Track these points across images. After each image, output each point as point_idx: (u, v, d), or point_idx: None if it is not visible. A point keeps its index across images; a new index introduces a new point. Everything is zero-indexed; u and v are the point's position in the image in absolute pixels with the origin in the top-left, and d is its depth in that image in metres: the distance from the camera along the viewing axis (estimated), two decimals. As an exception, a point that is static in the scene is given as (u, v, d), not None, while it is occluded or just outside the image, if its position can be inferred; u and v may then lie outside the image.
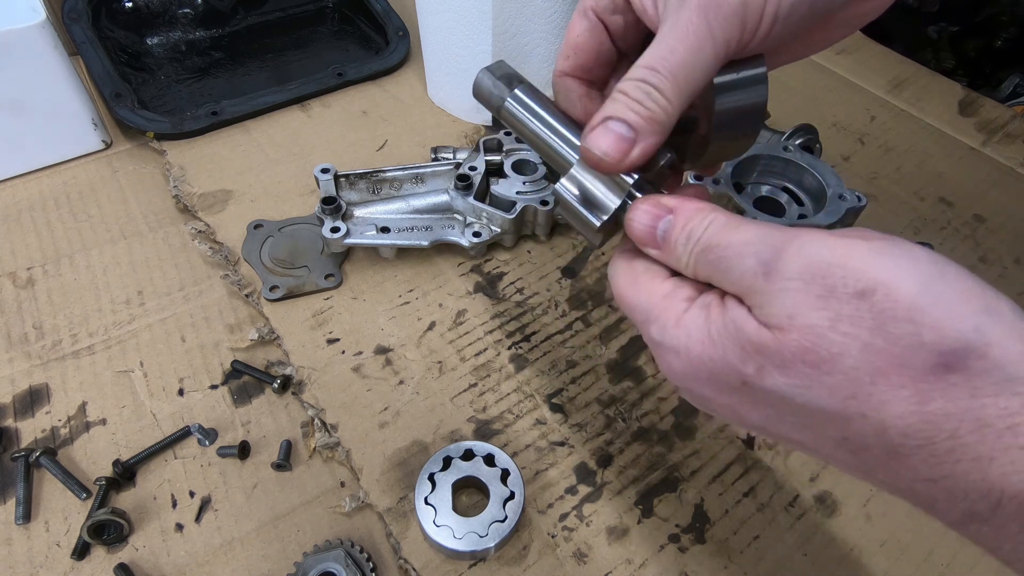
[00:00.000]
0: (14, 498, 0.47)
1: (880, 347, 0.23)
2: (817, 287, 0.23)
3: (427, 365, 0.55)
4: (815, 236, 0.24)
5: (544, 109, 0.36)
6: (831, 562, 0.46)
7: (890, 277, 0.22)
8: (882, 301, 0.22)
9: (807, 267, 0.24)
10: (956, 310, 0.22)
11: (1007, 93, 1.02)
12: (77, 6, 0.76)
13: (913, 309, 0.22)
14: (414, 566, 0.44)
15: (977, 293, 0.22)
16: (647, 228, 0.30)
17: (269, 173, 0.71)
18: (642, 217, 0.30)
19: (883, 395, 0.23)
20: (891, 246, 0.23)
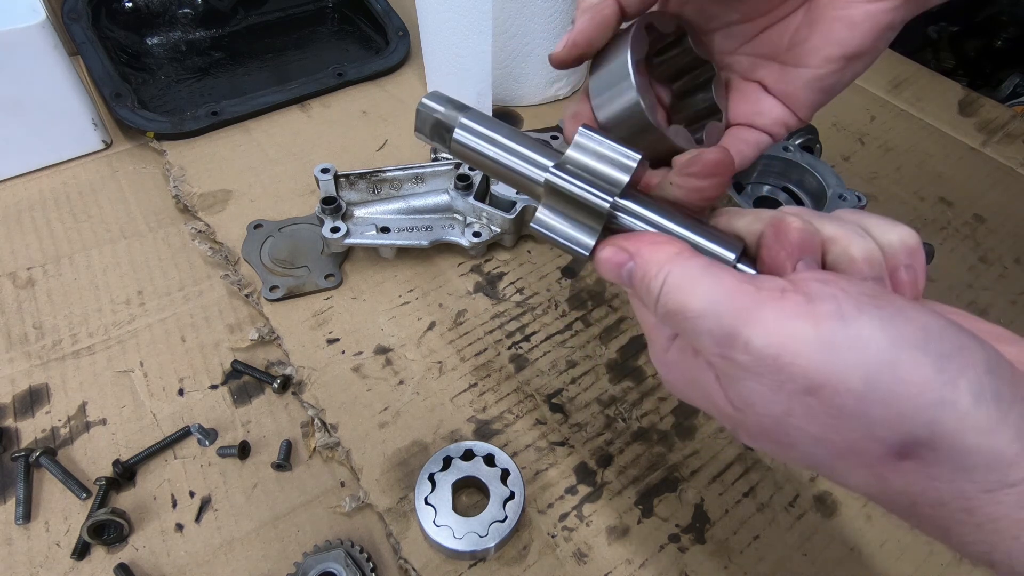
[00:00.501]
0: (14, 498, 0.47)
1: (834, 439, 0.23)
2: (768, 380, 0.23)
3: (427, 365, 0.55)
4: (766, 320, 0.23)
5: (499, 131, 0.33)
6: (831, 562, 0.46)
7: (834, 376, 0.21)
8: (830, 398, 0.22)
9: (758, 360, 0.23)
10: (905, 407, 0.21)
11: (1007, 93, 1.02)
12: (77, 6, 0.76)
13: (860, 407, 0.21)
14: (414, 566, 0.44)
15: (931, 383, 0.21)
16: (615, 272, 0.29)
17: (269, 173, 0.71)
18: (606, 262, 0.29)
19: (844, 472, 0.24)
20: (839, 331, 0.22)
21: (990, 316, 0.63)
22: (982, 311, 0.63)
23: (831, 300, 0.22)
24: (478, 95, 0.75)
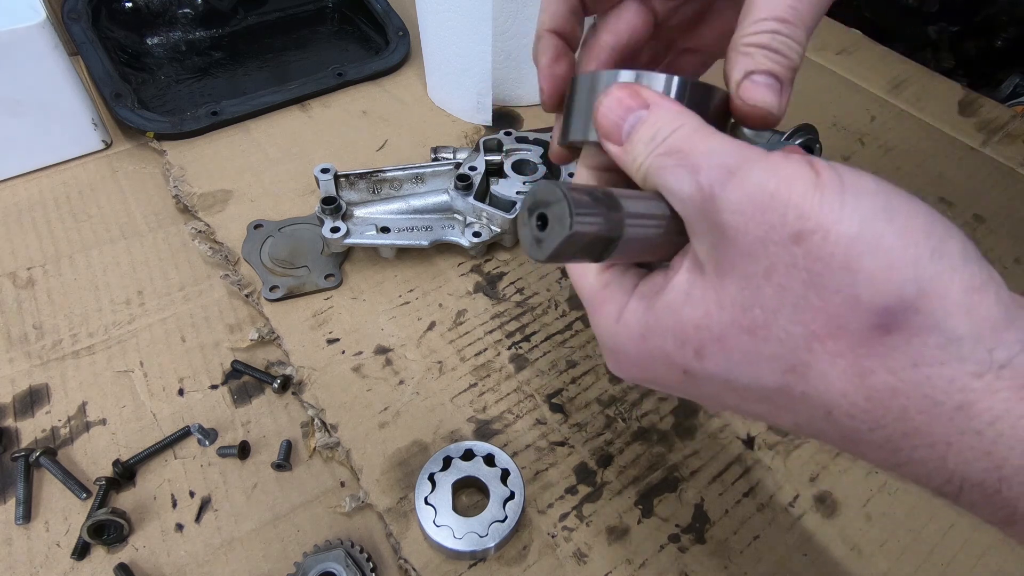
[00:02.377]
0: (14, 498, 0.47)
1: (814, 304, 0.21)
2: (756, 225, 0.21)
3: (427, 365, 0.55)
4: (762, 163, 0.22)
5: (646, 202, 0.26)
6: (831, 562, 0.46)
7: (828, 217, 0.20)
8: (818, 246, 0.20)
9: (750, 198, 0.21)
10: (897, 256, 0.19)
11: (1007, 93, 1.02)
12: (77, 6, 0.76)
13: (851, 255, 0.20)
14: (414, 566, 0.44)
15: (923, 233, 0.20)
16: (615, 121, 0.26)
17: (269, 173, 0.71)
18: (613, 107, 0.26)
19: (822, 366, 0.21)
20: (837, 178, 0.21)
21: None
22: (982, 311, 0.63)
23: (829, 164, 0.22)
24: (478, 95, 0.75)
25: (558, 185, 0.23)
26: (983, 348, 0.19)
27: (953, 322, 0.19)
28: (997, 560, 0.47)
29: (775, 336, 0.22)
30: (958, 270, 0.20)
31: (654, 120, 0.25)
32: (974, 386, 0.19)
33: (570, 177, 0.65)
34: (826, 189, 0.20)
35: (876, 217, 0.20)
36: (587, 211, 0.23)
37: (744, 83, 0.27)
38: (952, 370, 0.19)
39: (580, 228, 0.22)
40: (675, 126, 0.25)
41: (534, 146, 0.67)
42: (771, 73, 0.27)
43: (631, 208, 0.25)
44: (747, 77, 0.27)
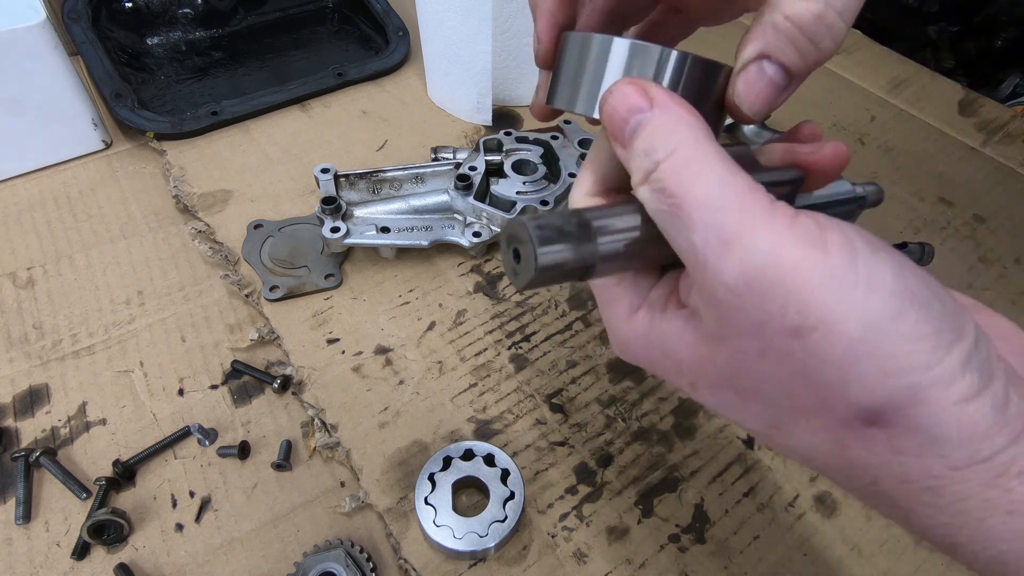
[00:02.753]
0: (14, 498, 0.47)
1: (804, 389, 0.21)
2: (754, 309, 0.20)
3: (427, 365, 0.55)
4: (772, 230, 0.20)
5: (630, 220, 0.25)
6: (831, 562, 0.46)
7: (835, 316, 0.19)
8: (818, 344, 0.19)
9: (748, 282, 0.20)
10: (897, 362, 0.19)
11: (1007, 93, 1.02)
12: (77, 6, 0.76)
13: (847, 356, 0.19)
14: (414, 566, 0.44)
15: (931, 338, 0.19)
16: (620, 122, 0.24)
17: (269, 173, 0.71)
18: (618, 105, 0.24)
19: (803, 432, 0.22)
20: (851, 266, 0.19)
21: (990, 316, 0.63)
22: (982, 311, 0.63)
23: (842, 233, 0.20)
24: (478, 95, 0.75)
25: (526, 222, 0.23)
26: (967, 450, 0.19)
27: (941, 429, 0.19)
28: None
29: (761, 401, 0.22)
30: (956, 380, 0.19)
31: (652, 129, 0.23)
32: (949, 475, 0.20)
33: (571, 178, 0.65)
34: (835, 281, 0.19)
35: (883, 318, 0.19)
36: (553, 249, 0.23)
37: (750, 68, 0.24)
38: (930, 463, 0.20)
39: (546, 263, 0.23)
40: (670, 143, 0.22)
41: (534, 146, 0.67)
42: (786, 67, 0.24)
43: (613, 228, 0.24)
44: (757, 61, 0.24)
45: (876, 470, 0.21)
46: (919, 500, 0.20)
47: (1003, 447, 0.19)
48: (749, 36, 0.24)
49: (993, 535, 0.19)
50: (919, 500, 0.20)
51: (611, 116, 0.24)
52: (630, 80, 0.24)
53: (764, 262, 0.19)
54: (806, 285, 0.19)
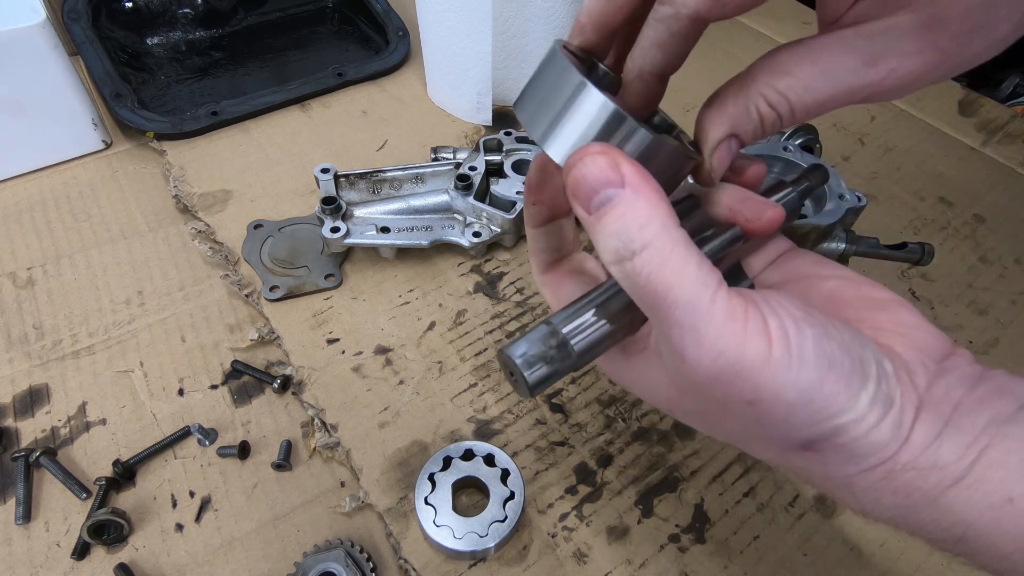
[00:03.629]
0: (14, 498, 0.47)
1: (754, 432, 0.27)
2: (718, 389, 0.25)
3: (427, 365, 0.55)
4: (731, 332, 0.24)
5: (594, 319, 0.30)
6: (831, 562, 0.46)
7: (777, 391, 0.24)
8: (766, 409, 0.25)
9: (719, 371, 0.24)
10: (820, 414, 0.25)
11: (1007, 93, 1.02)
12: (77, 6, 0.76)
13: (787, 414, 0.25)
14: (414, 566, 0.44)
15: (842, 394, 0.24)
16: (588, 188, 0.25)
17: (269, 173, 0.71)
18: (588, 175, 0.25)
19: (756, 450, 0.29)
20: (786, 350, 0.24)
21: (990, 316, 0.63)
22: (982, 311, 0.63)
23: (778, 322, 0.25)
24: (478, 95, 0.75)
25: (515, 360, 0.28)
26: (873, 460, 0.25)
27: (856, 448, 0.25)
28: (997, 560, 0.47)
29: (723, 429, 0.29)
30: (865, 416, 0.25)
31: (623, 210, 0.24)
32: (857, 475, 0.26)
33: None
34: (777, 366, 0.24)
35: (811, 384, 0.24)
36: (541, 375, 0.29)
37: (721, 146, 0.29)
38: (849, 469, 0.26)
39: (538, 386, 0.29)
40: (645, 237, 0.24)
41: (534, 146, 0.67)
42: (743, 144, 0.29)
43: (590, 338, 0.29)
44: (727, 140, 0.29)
45: (809, 473, 0.28)
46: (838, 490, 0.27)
47: (893, 453, 0.25)
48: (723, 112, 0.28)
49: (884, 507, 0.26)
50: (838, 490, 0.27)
51: (578, 183, 0.25)
52: (601, 149, 0.25)
53: (729, 359, 0.24)
54: (758, 375, 0.24)
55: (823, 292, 0.31)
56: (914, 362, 0.27)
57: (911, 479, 0.25)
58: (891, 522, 0.27)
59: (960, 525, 0.25)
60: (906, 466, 0.25)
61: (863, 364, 0.25)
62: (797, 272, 0.33)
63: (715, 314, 0.24)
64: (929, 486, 0.25)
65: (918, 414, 0.26)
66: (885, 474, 0.25)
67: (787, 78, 0.27)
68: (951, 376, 0.27)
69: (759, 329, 0.24)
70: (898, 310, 0.29)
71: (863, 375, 0.25)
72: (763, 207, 0.31)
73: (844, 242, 0.55)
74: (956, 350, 0.28)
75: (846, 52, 0.26)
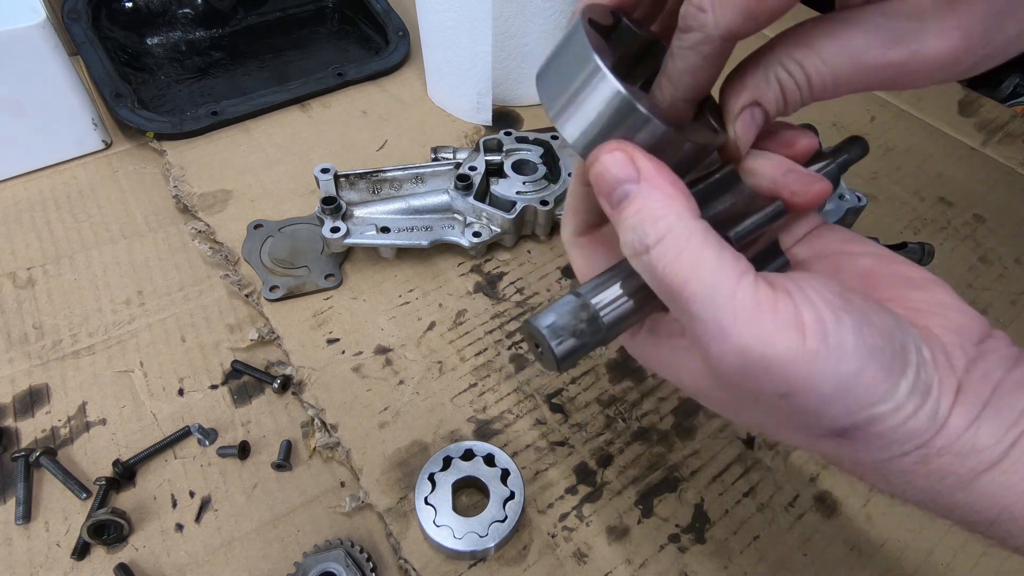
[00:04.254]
0: (14, 498, 0.47)
1: (785, 420, 0.26)
2: (748, 383, 0.24)
3: (427, 365, 0.55)
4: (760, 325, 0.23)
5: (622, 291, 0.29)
6: (831, 562, 0.46)
7: (812, 383, 0.23)
8: (800, 401, 0.24)
9: (746, 366, 0.24)
10: (859, 402, 0.24)
11: (1007, 93, 1.02)
12: (77, 6, 0.76)
13: (822, 405, 0.24)
14: (414, 566, 0.44)
15: (881, 384, 0.24)
16: (607, 184, 0.26)
17: (269, 173, 0.71)
18: (608, 168, 0.26)
19: (785, 437, 0.28)
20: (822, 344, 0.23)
21: (990, 316, 0.63)
22: (982, 311, 0.63)
23: (813, 312, 0.23)
24: (478, 95, 0.75)
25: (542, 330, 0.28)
26: (907, 447, 0.25)
27: (892, 436, 0.24)
28: (996, 561, 0.47)
29: (752, 418, 0.28)
30: (903, 406, 0.24)
31: (640, 205, 0.25)
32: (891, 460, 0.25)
33: (571, 177, 0.65)
34: (812, 359, 0.23)
35: (849, 376, 0.23)
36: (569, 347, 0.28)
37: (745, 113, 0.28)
38: (882, 455, 0.25)
39: (566, 359, 0.28)
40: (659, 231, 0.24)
41: (534, 146, 0.67)
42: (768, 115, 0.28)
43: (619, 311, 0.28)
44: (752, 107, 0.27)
45: (839, 457, 0.27)
46: (869, 474, 0.27)
47: (929, 439, 0.24)
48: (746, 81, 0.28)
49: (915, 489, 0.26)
50: (869, 474, 0.27)
51: (599, 179, 0.26)
52: (618, 146, 0.26)
53: (757, 354, 0.23)
54: (790, 369, 0.23)
55: (856, 270, 0.29)
56: (952, 344, 0.26)
57: (946, 463, 0.24)
58: (920, 504, 0.26)
59: (994, 508, 0.24)
60: (941, 451, 0.24)
61: (904, 351, 0.24)
62: (828, 248, 0.31)
63: (738, 307, 0.23)
64: (965, 470, 0.24)
65: (956, 398, 0.25)
66: (920, 459, 0.25)
67: (806, 49, 0.26)
68: (990, 358, 0.26)
69: (790, 321, 0.23)
70: (935, 289, 0.28)
71: (903, 363, 0.24)
72: (810, 180, 0.29)
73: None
74: (993, 331, 0.27)
75: (867, 29, 0.25)
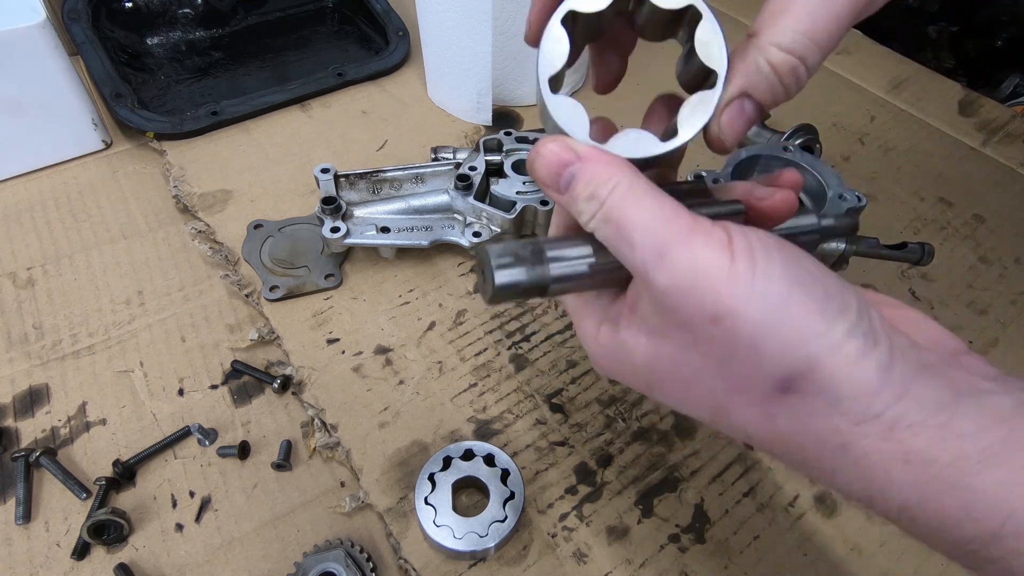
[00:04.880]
0: (14, 498, 0.47)
1: (730, 370, 0.25)
2: (683, 306, 0.25)
3: (427, 365, 0.55)
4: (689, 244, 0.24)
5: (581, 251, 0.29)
6: (831, 562, 0.46)
7: (739, 302, 0.23)
8: (730, 328, 0.24)
9: (676, 284, 0.24)
10: (792, 336, 0.23)
11: (1007, 93, 1.01)
12: (77, 6, 0.76)
13: (755, 337, 0.24)
14: (414, 566, 0.44)
15: (818, 311, 0.24)
16: (552, 172, 0.28)
17: (269, 173, 0.71)
18: (549, 158, 0.28)
19: (740, 411, 0.26)
20: (749, 264, 0.24)
21: (990, 316, 0.63)
22: (982, 311, 0.63)
23: (745, 240, 0.24)
24: (478, 95, 0.75)
25: (488, 249, 0.28)
26: (861, 405, 0.23)
27: (837, 388, 0.23)
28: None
29: (703, 387, 0.27)
30: (843, 346, 0.23)
31: (588, 177, 0.27)
32: (853, 431, 0.24)
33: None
34: (738, 277, 0.24)
35: (779, 302, 0.23)
36: (509, 271, 0.28)
37: (734, 105, 0.28)
38: (836, 421, 0.24)
39: (502, 283, 0.28)
40: (610, 185, 0.27)
41: (534, 146, 0.67)
42: (762, 105, 0.28)
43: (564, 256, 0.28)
44: (740, 99, 0.28)
45: (800, 436, 0.25)
46: (836, 459, 0.24)
47: (890, 404, 0.23)
48: (733, 70, 0.28)
49: (896, 485, 0.23)
50: (836, 459, 0.24)
51: (544, 169, 0.28)
52: (552, 139, 0.29)
53: (686, 268, 0.24)
54: (717, 284, 0.24)
55: None
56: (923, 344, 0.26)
57: (923, 446, 0.22)
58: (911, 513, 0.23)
59: (997, 515, 0.21)
60: (912, 426, 0.23)
61: (842, 297, 0.24)
62: None
63: (675, 230, 0.25)
64: (948, 458, 0.22)
65: (920, 374, 0.23)
66: (885, 431, 0.23)
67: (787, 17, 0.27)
68: (966, 365, 0.25)
69: (721, 243, 0.24)
70: (906, 309, 0.29)
71: (841, 306, 0.24)
72: (776, 190, 0.30)
73: (844, 242, 0.55)
74: (970, 352, 0.27)
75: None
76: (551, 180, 0.28)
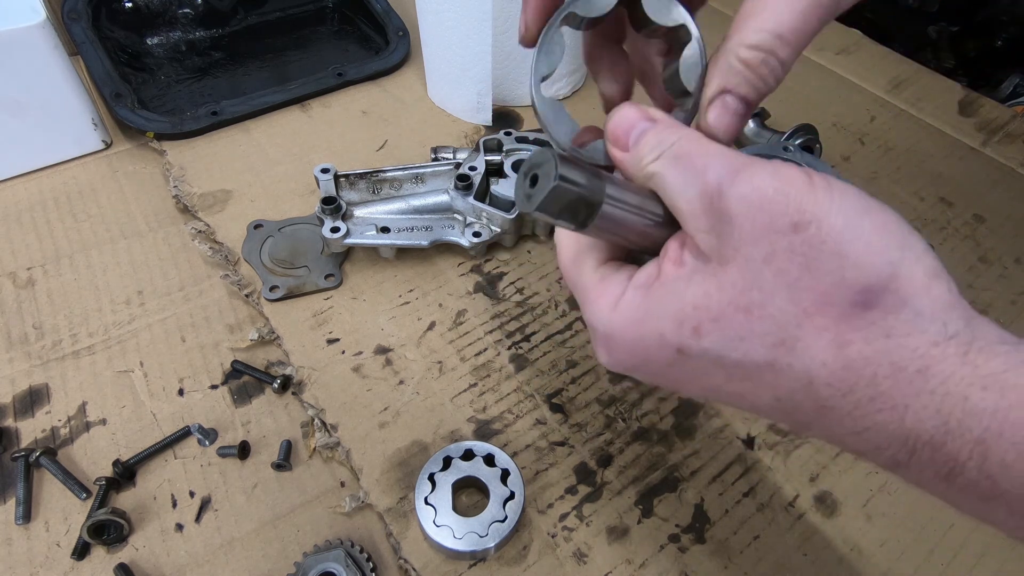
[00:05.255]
0: (14, 498, 0.47)
1: (808, 284, 0.24)
2: (761, 214, 0.24)
3: (427, 365, 0.55)
4: (764, 166, 0.25)
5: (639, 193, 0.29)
6: (831, 562, 0.46)
7: (822, 210, 0.24)
8: (815, 235, 0.24)
9: (756, 191, 0.25)
10: (875, 245, 0.24)
11: (1007, 93, 1.01)
12: (77, 6, 0.76)
13: (840, 243, 0.24)
14: (414, 566, 0.44)
15: (894, 229, 0.24)
16: (625, 129, 0.29)
17: (269, 173, 0.71)
18: (627, 115, 0.29)
19: (808, 340, 0.25)
20: (826, 182, 0.25)
21: (990, 316, 0.62)
22: (982, 311, 0.63)
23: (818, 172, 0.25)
24: (478, 95, 0.75)
25: (550, 150, 0.27)
26: (940, 322, 0.23)
27: (918, 300, 0.23)
28: (996, 561, 0.47)
29: (769, 314, 0.25)
30: (921, 259, 0.24)
31: (660, 130, 0.28)
32: (932, 353, 0.23)
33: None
34: (819, 189, 0.24)
35: (858, 214, 0.24)
36: (572, 170, 0.27)
37: (716, 102, 0.29)
38: (916, 340, 0.23)
39: (563, 183, 0.26)
40: (680, 135, 0.28)
41: (534, 146, 0.67)
42: (745, 99, 0.29)
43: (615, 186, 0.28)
44: (721, 96, 0.29)
45: (874, 365, 0.24)
46: (913, 387, 0.23)
47: (963, 326, 0.23)
48: (710, 73, 0.29)
49: (976, 412, 0.22)
50: (913, 387, 0.23)
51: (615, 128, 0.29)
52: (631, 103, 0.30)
53: (768, 178, 0.25)
54: (800, 191, 0.24)
55: None
56: None
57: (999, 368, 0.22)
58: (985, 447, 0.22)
59: None
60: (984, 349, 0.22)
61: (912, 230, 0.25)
62: None
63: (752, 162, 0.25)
64: None
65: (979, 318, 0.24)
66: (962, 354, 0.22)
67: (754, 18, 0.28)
68: None
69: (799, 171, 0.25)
70: None
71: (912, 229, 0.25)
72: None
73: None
74: None
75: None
76: (622, 135, 0.29)
